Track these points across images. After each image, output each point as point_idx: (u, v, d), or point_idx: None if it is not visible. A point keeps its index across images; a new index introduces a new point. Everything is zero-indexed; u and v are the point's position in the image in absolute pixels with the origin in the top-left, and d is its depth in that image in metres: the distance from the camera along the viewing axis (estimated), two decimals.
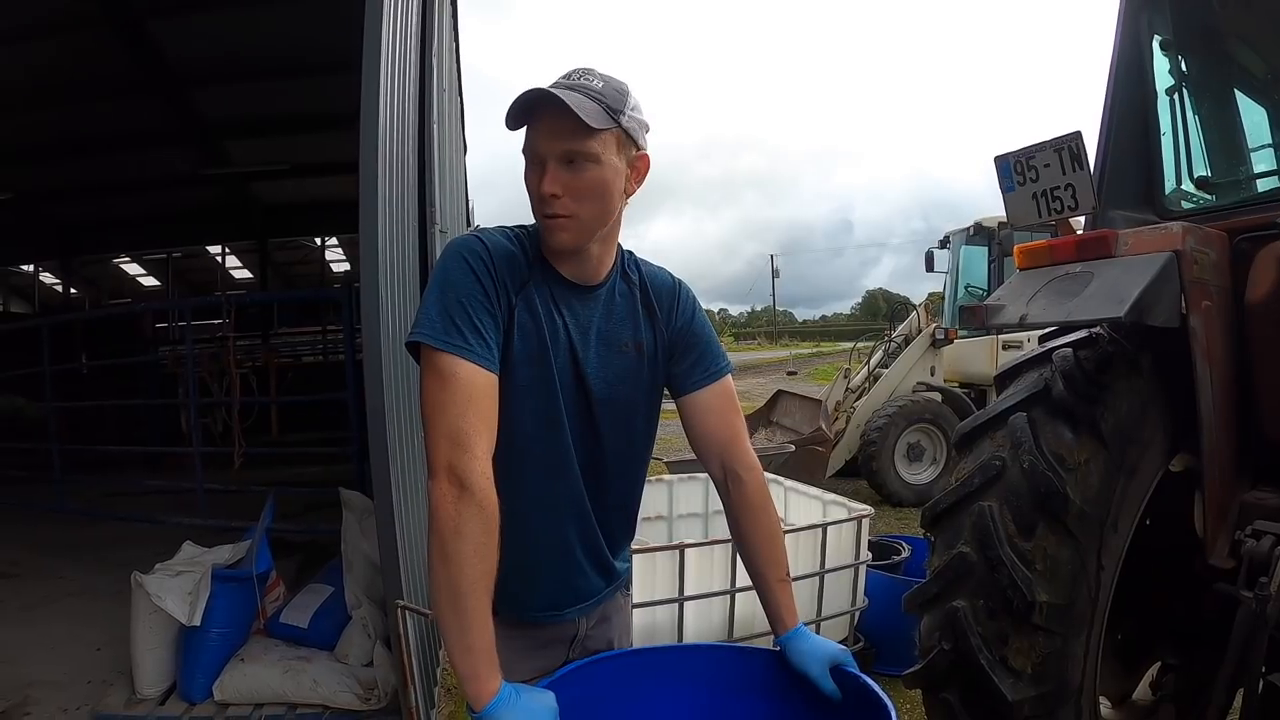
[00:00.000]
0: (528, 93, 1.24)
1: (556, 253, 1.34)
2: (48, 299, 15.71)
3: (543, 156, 1.26)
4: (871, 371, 8.02)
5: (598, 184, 1.28)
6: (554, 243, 1.31)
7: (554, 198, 1.26)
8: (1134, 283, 1.73)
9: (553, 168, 1.26)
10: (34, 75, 7.30)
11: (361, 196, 2.45)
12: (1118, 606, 1.93)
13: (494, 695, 1.13)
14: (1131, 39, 2.34)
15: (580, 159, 1.26)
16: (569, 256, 1.35)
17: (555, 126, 1.24)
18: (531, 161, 1.28)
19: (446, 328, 1.22)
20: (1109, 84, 2.35)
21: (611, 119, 1.27)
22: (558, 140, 1.25)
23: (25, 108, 7.91)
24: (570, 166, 1.26)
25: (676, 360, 1.47)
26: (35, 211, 11.55)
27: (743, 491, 1.47)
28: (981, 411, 2.03)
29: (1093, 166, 2.05)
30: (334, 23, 4.24)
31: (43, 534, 6.15)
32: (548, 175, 1.25)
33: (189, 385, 6.44)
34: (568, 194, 1.26)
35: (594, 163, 1.26)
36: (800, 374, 24.04)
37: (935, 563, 1.91)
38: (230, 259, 15.78)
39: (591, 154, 1.26)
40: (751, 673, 1.39)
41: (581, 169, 1.26)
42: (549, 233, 1.30)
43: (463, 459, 1.17)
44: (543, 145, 1.26)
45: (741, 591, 3.08)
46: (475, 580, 1.15)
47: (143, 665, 3.19)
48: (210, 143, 9.68)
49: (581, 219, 1.29)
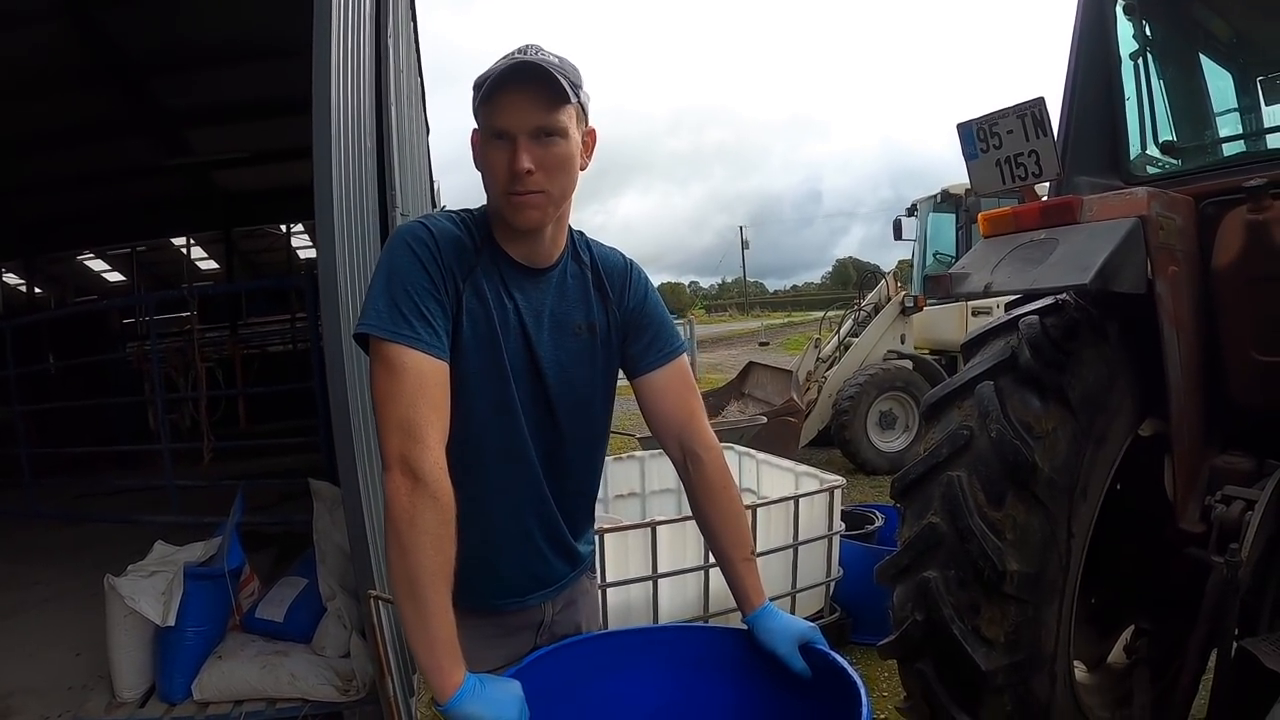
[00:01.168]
0: (511, 64, 1.22)
1: (521, 232, 1.31)
2: (11, 299, 15.37)
3: (512, 133, 1.24)
4: (842, 341, 8.07)
5: (567, 158, 1.27)
6: (522, 221, 1.28)
7: (528, 174, 1.23)
8: (1099, 249, 1.72)
9: (524, 143, 1.24)
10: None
11: (316, 183, 2.39)
12: (1091, 572, 1.94)
13: (458, 687, 1.12)
14: (1095, 4, 2.32)
15: (552, 133, 1.24)
16: (524, 238, 1.32)
17: (527, 101, 1.23)
18: (496, 138, 1.25)
19: (394, 317, 1.21)
20: (1072, 49, 2.32)
21: (573, 93, 1.25)
22: (530, 115, 1.23)
23: None
24: (540, 141, 1.24)
25: (630, 341, 1.46)
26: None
27: (702, 471, 1.46)
28: (948, 381, 2.02)
29: (1057, 132, 2.04)
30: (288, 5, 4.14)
31: (15, 539, 6.04)
32: (521, 152, 1.23)
33: (154, 381, 6.33)
34: (540, 169, 1.24)
35: (563, 137, 1.26)
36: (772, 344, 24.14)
37: (906, 533, 1.91)
38: (195, 250, 15.55)
39: (561, 128, 1.25)
40: (720, 652, 1.38)
41: (551, 143, 1.25)
42: (517, 211, 1.27)
43: (415, 450, 1.16)
44: (513, 121, 1.23)
45: (715, 567, 3.07)
46: (434, 572, 1.14)
47: (121, 668, 3.15)
48: (170, 132, 9.49)
49: (552, 195, 1.28)
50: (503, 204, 1.28)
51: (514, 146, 1.24)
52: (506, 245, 1.34)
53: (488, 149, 1.27)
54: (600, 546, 2.88)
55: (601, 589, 2.88)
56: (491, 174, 1.27)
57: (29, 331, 9.37)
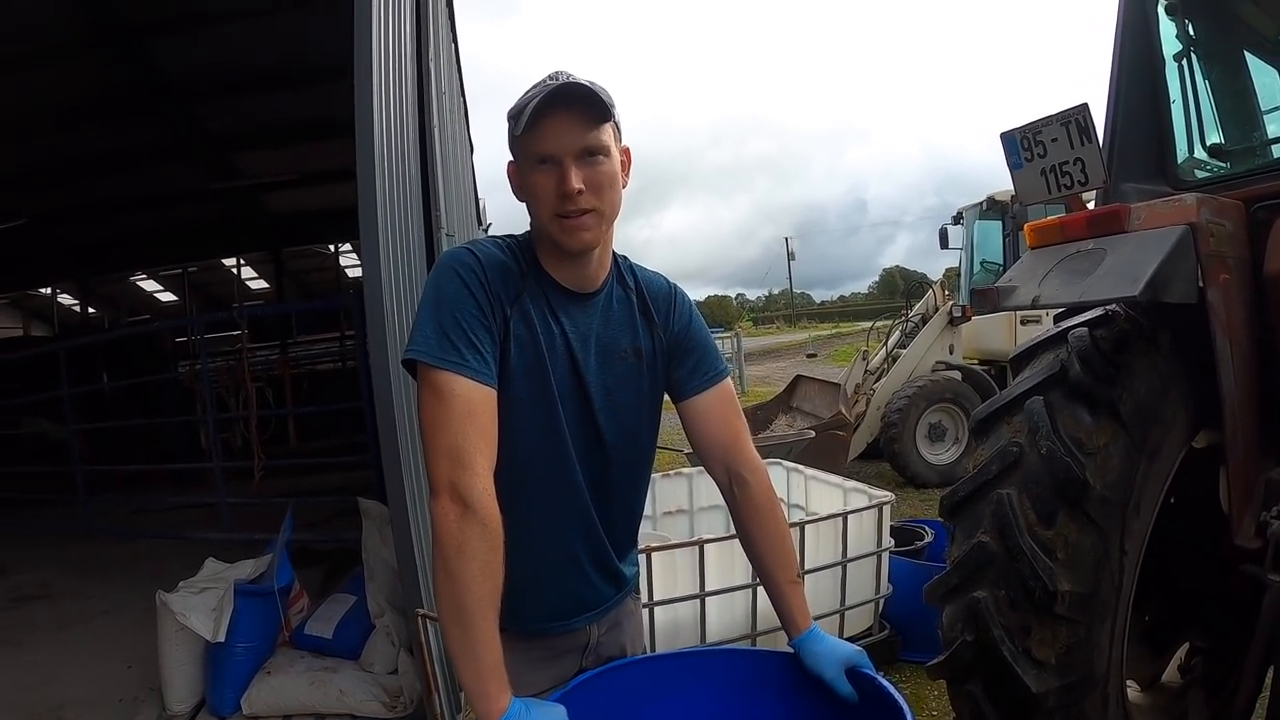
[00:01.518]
0: (551, 89, 1.23)
1: (569, 256, 1.32)
2: (66, 319, 15.94)
3: (558, 156, 1.25)
4: (890, 352, 7.95)
5: (613, 176, 1.29)
6: (576, 243, 1.28)
7: (579, 194, 1.24)
8: (1148, 259, 1.68)
9: (571, 164, 1.25)
10: (37, 100, 7.36)
11: (361, 206, 2.44)
12: (1145, 588, 1.89)
13: (503, 712, 1.13)
14: (1136, 4, 2.27)
15: (597, 152, 1.26)
16: (571, 263, 1.33)
17: (570, 124, 1.24)
18: (541, 163, 1.26)
19: (442, 344, 1.21)
20: (1115, 52, 2.27)
21: (610, 111, 1.27)
22: (575, 136, 1.25)
23: (31, 133, 7.99)
24: (586, 161, 1.26)
25: (675, 365, 1.46)
26: (49, 234, 11.64)
27: (748, 494, 1.45)
28: (997, 396, 1.98)
29: (1102, 139, 2.00)
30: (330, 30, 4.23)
31: (72, 555, 6.22)
32: (570, 173, 1.24)
33: (206, 401, 6.52)
34: (589, 189, 1.26)
35: (606, 155, 1.28)
36: (820, 355, 23.97)
37: (955, 552, 1.87)
38: (246, 270, 15.94)
39: (605, 146, 1.27)
40: (766, 676, 1.37)
41: (597, 162, 1.27)
42: (570, 233, 1.27)
43: (464, 476, 1.16)
44: (559, 144, 1.25)
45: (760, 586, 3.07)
46: (481, 598, 1.15)
47: (172, 682, 3.22)
48: (218, 156, 9.74)
49: (602, 213, 1.29)
50: (554, 228, 1.28)
51: (561, 169, 1.24)
52: (553, 270, 1.34)
53: (533, 175, 1.27)
54: (647, 564, 2.88)
55: (649, 607, 2.88)
56: (539, 199, 1.28)
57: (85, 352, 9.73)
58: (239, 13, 6.54)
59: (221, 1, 6.36)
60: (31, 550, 6.47)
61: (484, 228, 10.99)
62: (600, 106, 1.25)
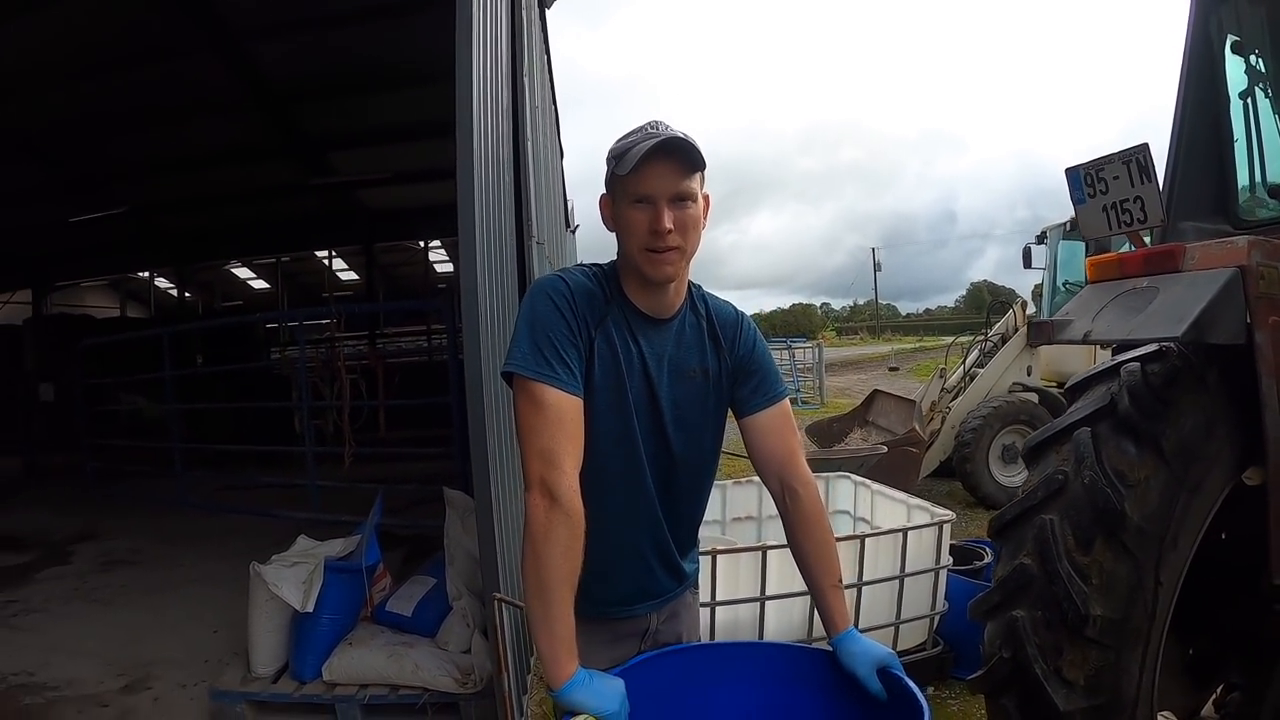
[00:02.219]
0: (658, 140, 1.41)
1: (651, 285, 1.50)
2: (162, 302, 16.90)
3: (655, 197, 1.43)
4: (967, 371, 7.87)
5: (697, 219, 1.48)
6: (660, 275, 1.47)
7: (669, 232, 1.42)
8: (1196, 300, 1.74)
9: (665, 207, 1.43)
10: (142, 97, 7.88)
11: (460, 216, 2.61)
12: (1190, 620, 1.93)
13: (570, 677, 1.31)
14: (1202, 40, 2.29)
15: (687, 198, 1.44)
16: (652, 291, 1.52)
17: (670, 171, 1.42)
18: (640, 202, 1.44)
19: (536, 359, 1.41)
20: (1180, 88, 2.29)
21: (703, 163, 1.45)
22: (671, 183, 1.42)
23: (135, 128, 8.60)
24: (677, 204, 1.43)
25: (739, 385, 1.63)
26: (149, 222, 12.45)
27: (799, 505, 1.61)
28: (1050, 424, 2.06)
29: (1163, 176, 2.05)
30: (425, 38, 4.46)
31: (164, 525, 6.65)
32: (664, 214, 1.43)
33: (301, 390, 6.93)
34: (677, 229, 1.43)
35: (694, 201, 1.46)
36: (902, 369, 23.55)
37: (1000, 572, 1.97)
38: (337, 262, 16.58)
39: (694, 193, 1.45)
40: (804, 670, 1.52)
41: (686, 207, 1.44)
42: (657, 266, 1.46)
43: (553, 474, 1.35)
44: (657, 187, 1.42)
45: None
46: (562, 578, 1.33)
47: (259, 647, 3.43)
48: (315, 154, 10.25)
49: (686, 251, 1.47)
50: (641, 260, 1.47)
51: (656, 209, 1.43)
52: (634, 297, 1.53)
53: (628, 211, 1.46)
54: (712, 566, 3.02)
55: (711, 606, 3.02)
56: (632, 233, 1.46)
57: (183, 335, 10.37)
58: (338, 18, 6.88)
59: (321, 7, 6.69)
60: (125, 519, 6.95)
61: (572, 229, 11.23)
62: (696, 158, 1.43)
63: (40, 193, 10.35)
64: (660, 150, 1.41)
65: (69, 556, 5.92)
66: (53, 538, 6.45)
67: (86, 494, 8.12)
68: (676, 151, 1.42)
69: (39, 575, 5.46)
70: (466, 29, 2.66)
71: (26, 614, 4.64)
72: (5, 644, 4.13)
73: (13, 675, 3.71)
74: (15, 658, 3.90)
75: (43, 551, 6.08)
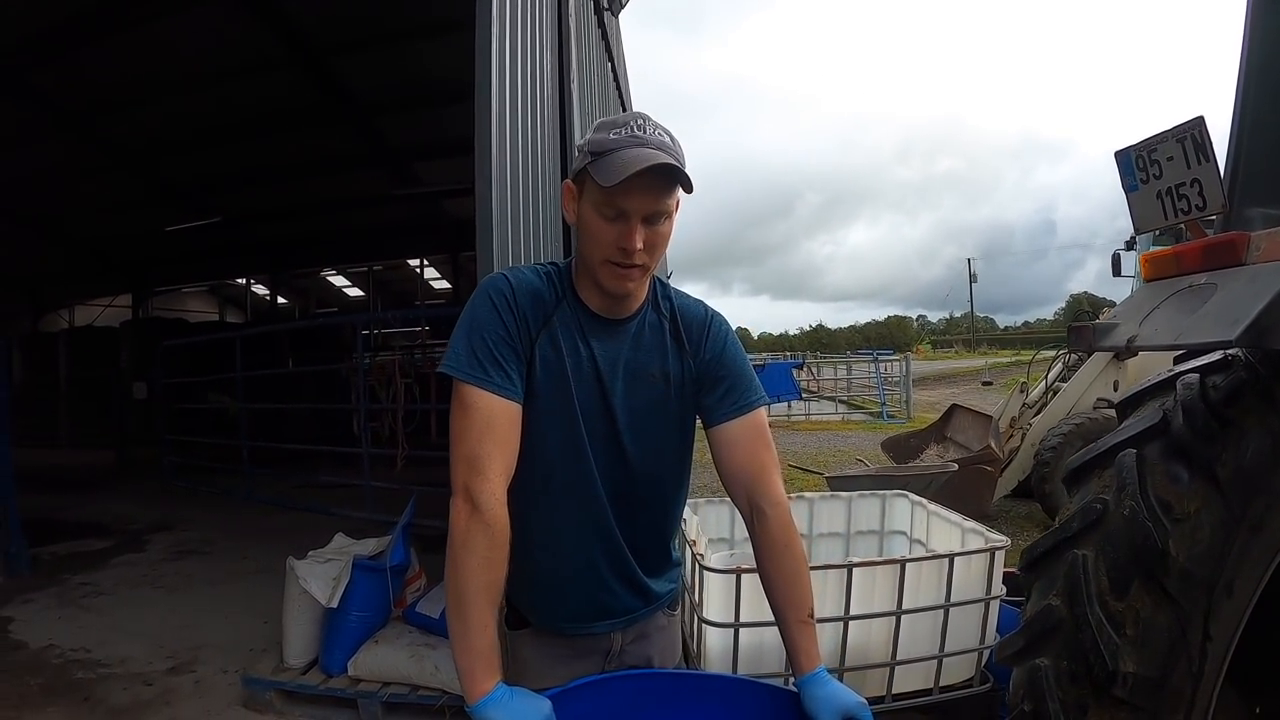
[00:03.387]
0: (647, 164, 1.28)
1: (614, 296, 1.39)
2: (259, 306, 17.72)
3: (629, 214, 1.32)
4: (1050, 386, 7.32)
5: (667, 236, 1.38)
6: (619, 290, 1.37)
7: (639, 251, 1.33)
8: (1256, 298, 1.44)
9: (638, 224, 1.32)
10: (234, 112, 8.36)
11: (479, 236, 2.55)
12: (1257, 676, 1.64)
13: (486, 694, 1.21)
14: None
15: (664, 214, 1.35)
16: (608, 294, 1.39)
17: (652, 193, 1.31)
18: (613, 217, 1.33)
19: (470, 362, 1.33)
20: (1242, 55, 1.94)
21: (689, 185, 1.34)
22: (650, 203, 1.32)
23: (228, 141, 9.11)
24: (651, 221, 1.34)
25: (705, 392, 1.48)
26: (244, 231, 13.10)
27: (766, 527, 1.44)
28: (1094, 444, 1.80)
29: (1226, 153, 1.76)
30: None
31: (239, 519, 7.00)
32: (635, 232, 1.32)
33: (360, 392, 7.13)
34: (645, 248, 1.34)
35: (668, 218, 1.36)
36: (996, 384, 22.62)
37: (1028, 612, 1.71)
38: (429, 270, 16.98)
39: (670, 210, 1.36)
40: (762, 710, 1.35)
41: (659, 224, 1.35)
42: (619, 280, 1.35)
43: (476, 481, 1.27)
44: (636, 205, 1.31)
45: (855, 619, 2.93)
46: (479, 589, 1.25)
47: (291, 639, 3.56)
48: (399, 165, 10.55)
49: (649, 268, 1.38)
50: (602, 271, 1.36)
51: (629, 226, 1.32)
52: (587, 297, 1.43)
53: (598, 219, 1.33)
54: (737, 587, 2.83)
55: (734, 628, 2.84)
56: (597, 243, 1.35)
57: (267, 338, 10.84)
58: (416, 32, 7.09)
59: (400, 22, 6.91)
60: (201, 511, 7.38)
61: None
62: (684, 180, 1.32)
63: (140, 202, 11.09)
64: (649, 173, 1.29)
65: (144, 545, 6.30)
66: (133, 526, 6.89)
67: (169, 486, 8.64)
68: (665, 175, 1.30)
69: (115, 560, 5.83)
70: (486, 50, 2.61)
71: (96, 595, 4.97)
72: (72, 621, 4.46)
73: (71, 651, 3.98)
74: (78, 635, 4.19)
75: (122, 538, 6.49)
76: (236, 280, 17.37)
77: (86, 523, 6.97)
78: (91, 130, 8.80)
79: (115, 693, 3.51)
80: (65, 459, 11.29)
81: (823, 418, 16.57)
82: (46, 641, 4.12)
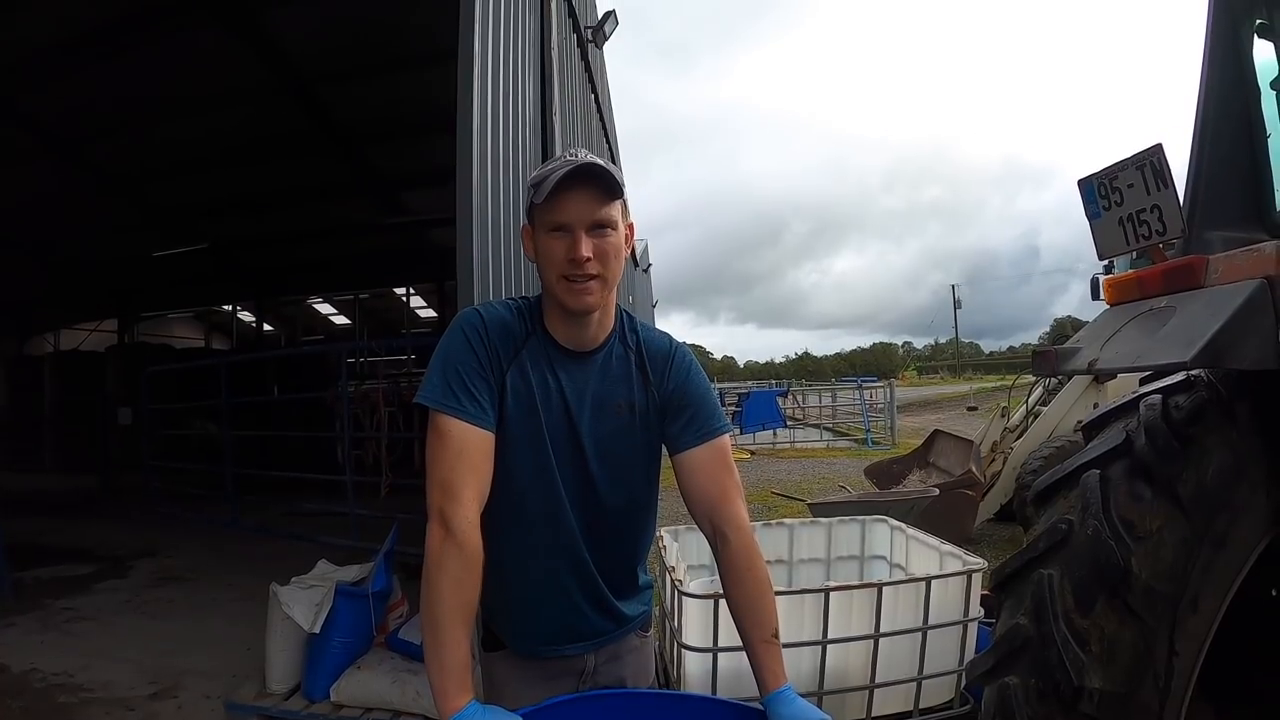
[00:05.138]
0: (571, 166, 1.36)
1: (572, 316, 1.43)
2: (245, 334, 17.66)
3: (571, 225, 1.37)
4: (1030, 410, 7.38)
5: (617, 246, 1.42)
6: (579, 304, 1.40)
7: (588, 260, 1.36)
8: (1212, 319, 1.49)
9: (582, 235, 1.37)
10: (222, 140, 8.38)
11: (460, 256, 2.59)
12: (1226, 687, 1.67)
13: (458, 711, 1.23)
14: (1226, 25, 2.00)
15: (606, 225, 1.39)
16: (573, 323, 1.45)
17: (586, 198, 1.37)
18: (555, 231, 1.38)
19: (444, 392, 1.37)
20: (1202, 79, 2.00)
21: (621, 189, 1.40)
22: (588, 210, 1.38)
23: (215, 168, 9.11)
24: (596, 232, 1.38)
25: (669, 420, 1.52)
26: (231, 258, 13.08)
27: (729, 551, 1.47)
28: (1060, 465, 1.83)
29: (1186, 180, 1.81)
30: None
31: (220, 546, 6.94)
32: (580, 242, 1.37)
33: (344, 420, 7.13)
34: (596, 257, 1.38)
35: (614, 229, 1.40)
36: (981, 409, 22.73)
37: (997, 631, 1.74)
38: (415, 299, 17.01)
39: (613, 220, 1.40)
40: None
41: (605, 234, 1.39)
42: (578, 295, 1.39)
43: (450, 505, 1.31)
44: (573, 215, 1.37)
45: (832, 643, 2.94)
46: (452, 609, 1.27)
47: (274, 664, 3.53)
48: (387, 194, 10.60)
49: (606, 280, 1.41)
50: (559, 289, 1.40)
51: (573, 237, 1.37)
52: (554, 330, 1.47)
53: (547, 241, 1.40)
54: (715, 612, 2.81)
55: (714, 652, 2.84)
56: (550, 262, 1.40)
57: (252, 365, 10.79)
58: (403, 63, 7.14)
59: (387, 52, 6.96)
60: (185, 538, 7.30)
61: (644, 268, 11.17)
62: (613, 185, 1.38)
63: (127, 227, 11.05)
64: (575, 176, 1.36)
65: (128, 570, 6.24)
66: (116, 551, 6.83)
67: (154, 512, 8.55)
68: (593, 178, 1.37)
69: (98, 586, 5.78)
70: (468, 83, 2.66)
71: (79, 621, 4.92)
72: (55, 647, 4.42)
73: (54, 675, 3.97)
74: (60, 660, 4.17)
75: (106, 564, 6.43)
76: (223, 307, 17.35)
77: (70, 548, 6.91)
78: (79, 155, 8.80)
79: (97, 717, 3.50)
80: (49, 483, 11.20)
81: (807, 445, 16.59)
82: (29, 666, 4.09)
